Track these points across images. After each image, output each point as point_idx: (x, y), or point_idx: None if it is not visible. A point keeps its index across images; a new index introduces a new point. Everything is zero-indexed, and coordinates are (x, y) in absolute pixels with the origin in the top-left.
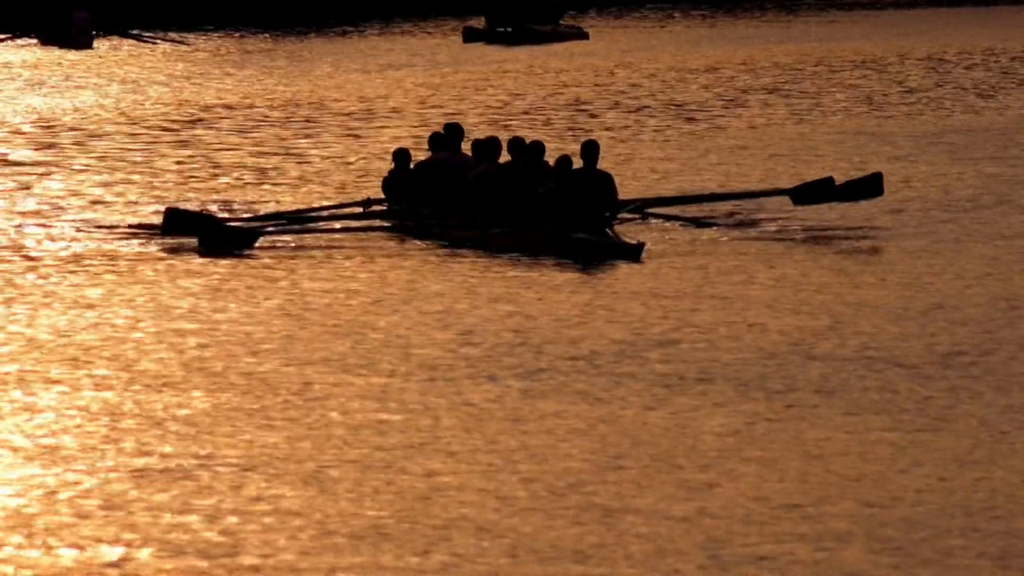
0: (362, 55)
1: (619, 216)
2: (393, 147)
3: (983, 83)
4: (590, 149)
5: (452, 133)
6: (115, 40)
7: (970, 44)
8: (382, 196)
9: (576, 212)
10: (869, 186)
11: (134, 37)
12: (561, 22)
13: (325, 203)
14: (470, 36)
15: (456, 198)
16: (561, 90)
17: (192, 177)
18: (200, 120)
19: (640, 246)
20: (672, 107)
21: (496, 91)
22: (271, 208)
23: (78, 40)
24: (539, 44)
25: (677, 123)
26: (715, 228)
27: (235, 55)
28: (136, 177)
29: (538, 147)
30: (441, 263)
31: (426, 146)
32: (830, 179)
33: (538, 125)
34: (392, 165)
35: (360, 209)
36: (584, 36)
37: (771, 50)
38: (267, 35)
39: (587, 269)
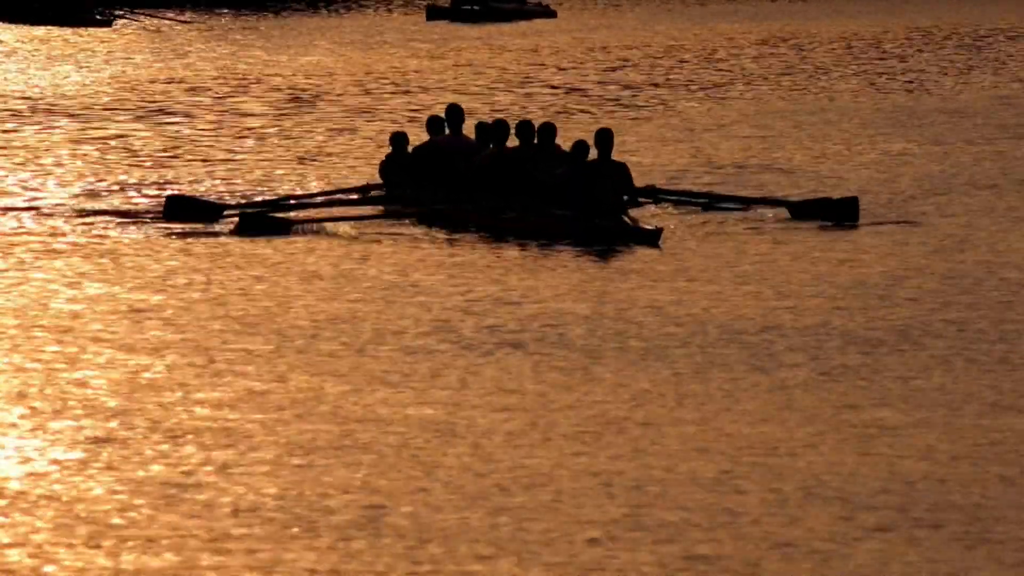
0: (319, 33)
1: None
2: (372, 129)
3: (954, 62)
4: (604, 138)
5: (453, 115)
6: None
7: (942, 22)
8: (379, 181)
9: (579, 203)
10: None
11: (125, 16)
12: (529, 0)
13: (317, 187)
14: (433, 14)
15: (458, 182)
16: (525, 69)
17: (168, 158)
18: (169, 101)
19: (658, 231)
20: (647, 87)
21: (459, 70)
22: (257, 192)
23: (87, 18)
24: (505, 22)
25: (656, 103)
26: (729, 212)
27: (196, 35)
28: (113, 157)
29: (549, 129)
30: (451, 248)
31: (406, 130)
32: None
33: (508, 105)
34: (390, 149)
35: (359, 195)
36: (552, 14)
37: (743, 29)
38: (229, 14)
39: (603, 255)
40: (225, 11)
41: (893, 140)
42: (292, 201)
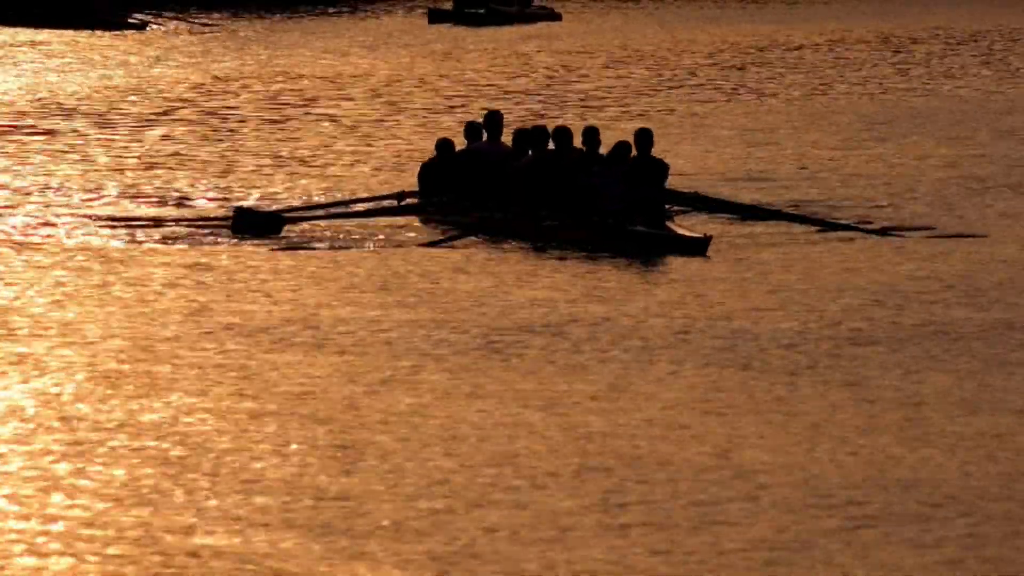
0: (319, 37)
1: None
2: (389, 135)
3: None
4: (643, 137)
5: (492, 122)
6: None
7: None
8: (414, 187)
9: (616, 207)
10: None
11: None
12: (533, 3)
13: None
14: (435, 17)
15: (496, 189)
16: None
17: (185, 166)
18: (172, 107)
19: (706, 239)
20: (662, 89)
21: (463, 74)
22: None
23: (103, 21)
24: (508, 25)
25: (672, 106)
26: (774, 220)
27: (195, 38)
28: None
29: (592, 132)
30: (493, 256)
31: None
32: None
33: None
34: (433, 154)
35: (395, 202)
36: (556, 17)
37: (751, 30)
38: (231, 16)
39: (648, 262)
40: (216, 15)
41: (918, 142)
42: (328, 210)
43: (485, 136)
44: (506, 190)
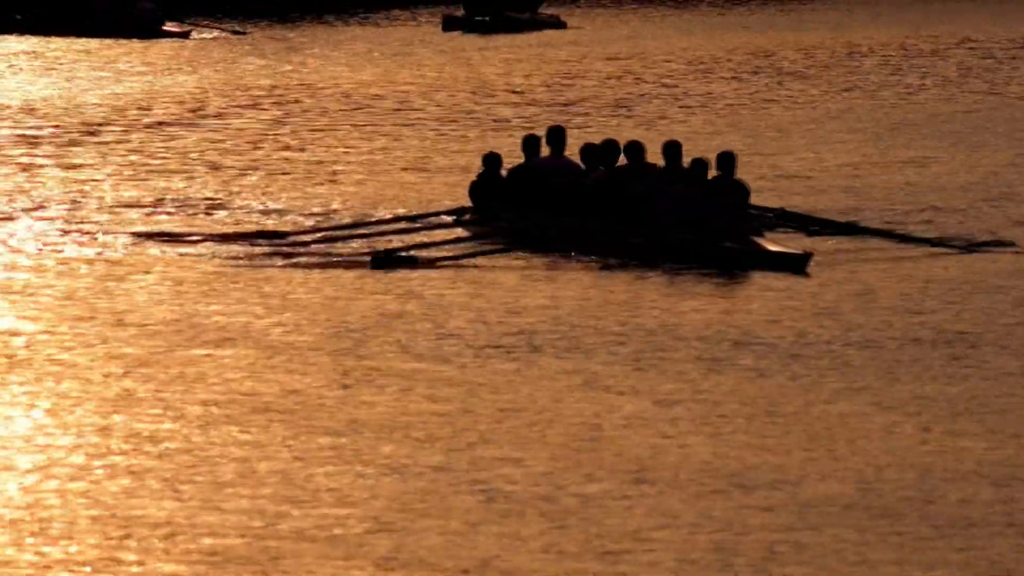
0: (339, 44)
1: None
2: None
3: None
4: (727, 160)
5: (555, 136)
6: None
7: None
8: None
9: (663, 215)
10: None
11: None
12: (540, 11)
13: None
14: (449, 25)
15: (564, 204)
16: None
17: (217, 173)
18: (191, 116)
19: (806, 256)
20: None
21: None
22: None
23: (143, 29)
24: (517, 33)
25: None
26: (857, 236)
27: (209, 46)
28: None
29: (674, 147)
30: (578, 274)
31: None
32: None
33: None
34: (481, 168)
35: (453, 218)
36: (561, 25)
37: (756, 38)
38: (245, 24)
39: (742, 279)
40: (226, 23)
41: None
42: (382, 227)
43: (548, 150)
44: (580, 204)
